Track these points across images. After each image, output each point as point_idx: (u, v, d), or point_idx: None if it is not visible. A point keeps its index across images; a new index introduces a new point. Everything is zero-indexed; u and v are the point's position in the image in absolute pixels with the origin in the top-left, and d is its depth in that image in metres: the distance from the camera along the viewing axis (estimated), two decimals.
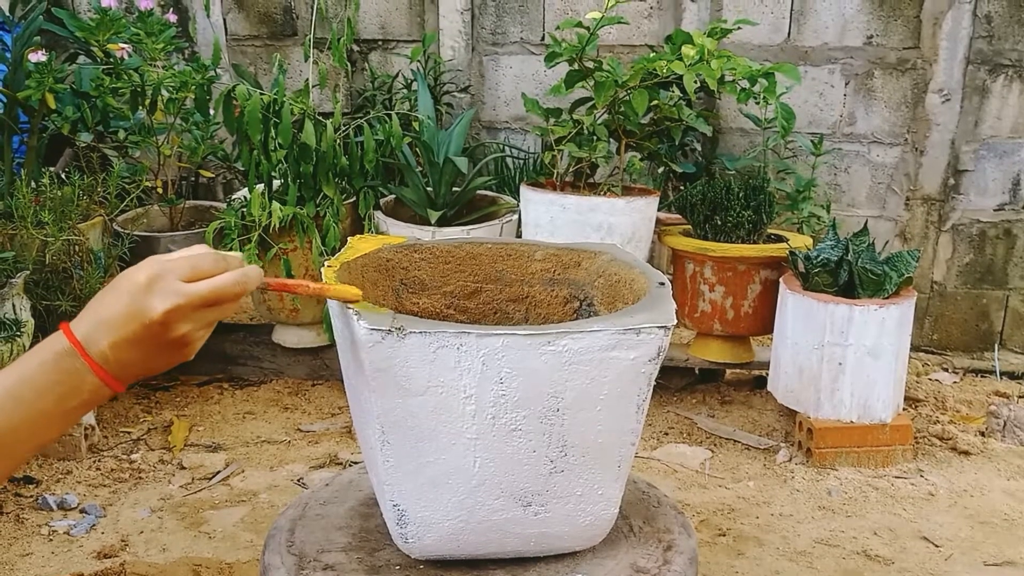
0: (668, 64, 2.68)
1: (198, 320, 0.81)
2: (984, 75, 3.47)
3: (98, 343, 0.77)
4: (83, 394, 0.78)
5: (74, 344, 0.77)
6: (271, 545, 1.19)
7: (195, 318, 0.80)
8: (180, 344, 0.81)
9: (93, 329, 0.78)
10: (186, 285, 0.79)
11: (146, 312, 0.77)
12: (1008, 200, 3.58)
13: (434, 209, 3.10)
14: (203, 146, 3.22)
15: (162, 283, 0.78)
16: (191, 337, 0.81)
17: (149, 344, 0.79)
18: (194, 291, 0.79)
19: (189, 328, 0.80)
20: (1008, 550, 2.31)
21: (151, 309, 0.77)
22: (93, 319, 0.78)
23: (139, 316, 0.77)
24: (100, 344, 0.78)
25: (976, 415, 3.11)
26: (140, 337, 0.78)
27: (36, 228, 2.60)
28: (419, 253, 1.33)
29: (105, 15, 2.97)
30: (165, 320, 0.78)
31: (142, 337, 0.78)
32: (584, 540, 1.16)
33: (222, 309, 0.83)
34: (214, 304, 0.82)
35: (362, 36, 3.99)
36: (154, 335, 0.78)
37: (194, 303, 0.79)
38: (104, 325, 0.78)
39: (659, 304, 1.10)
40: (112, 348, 0.78)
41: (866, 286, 2.65)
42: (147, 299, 0.78)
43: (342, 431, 2.89)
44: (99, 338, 0.78)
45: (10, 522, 2.32)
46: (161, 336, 0.79)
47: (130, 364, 0.79)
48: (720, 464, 2.75)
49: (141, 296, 0.78)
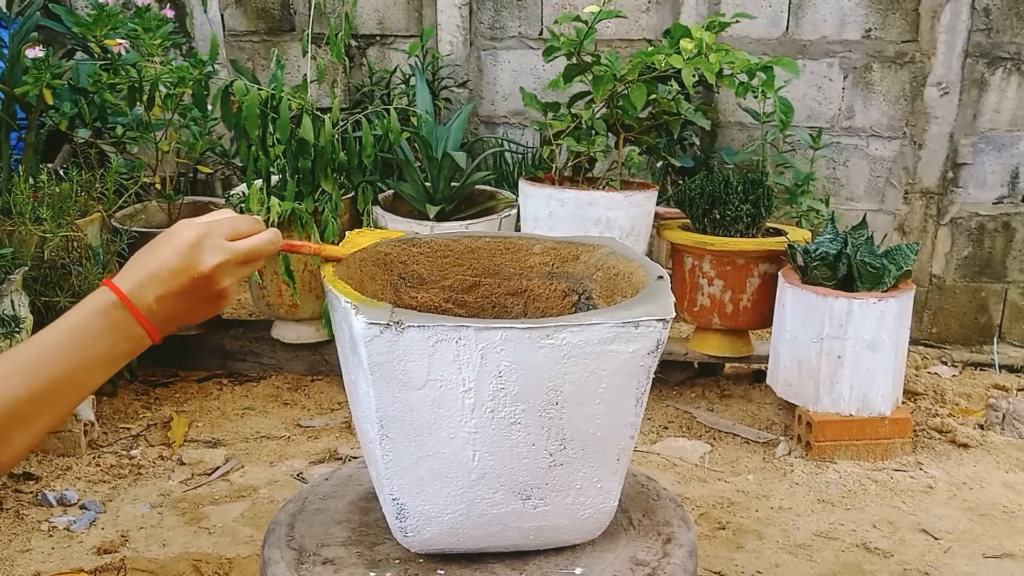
0: (666, 58, 2.68)
1: (237, 274, 0.91)
2: (983, 68, 3.47)
3: (144, 297, 0.85)
4: (129, 343, 0.85)
5: (121, 298, 0.84)
6: (271, 540, 1.19)
7: (235, 273, 0.90)
8: (219, 297, 0.90)
9: (139, 284, 0.85)
10: (230, 243, 0.90)
11: (196, 266, 0.87)
12: (1007, 193, 3.58)
13: (432, 204, 3.10)
14: (201, 142, 3.22)
15: (210, 240, 0.88)
16: (229, 291, 0.91)
17: (193, 296, 0.88)
18: (238, 248, 0.90)
19: (229, 282, 0.90)
20: (1007, 542, 2.32)
21: (201, 263, 0.87)
22: (139, 275, 0.86)
23: (189, 270, 0.86)
24: (147, 298, 0.85)
25: (975, 408, 3.12)
26: (187, 290, 0.87)
27: (34, 224, 2.59)
28: (417, 247, 1.33)
29: (102, 11, 2.96)
30: (212, 274, 0.87)
31: (189, 290, 0.87)
32: (584, 533, 1.16)
33: (255, 265, 0.93)
34: (252, 261, 0.92)
35: (360, 31, 3.98)
36: (200, 287, 0.88)
37: (238, 259, 0.90)
38: (152, 279, 0.85)
39: (658, 297, 1.10)
40: (158, 301, 0.86)
41: (865, 279, 2.65)
42: (197, 255, 0.87)
43: (341, 426, 2.90)
44: (146, 292, 0.85)
45: (10, 518, 2.32)
46: (205, 289, 0.88)
47: (172, 316, 0.88)
48: (719, 458, 2.75)
49: (191, 252, 0.87)
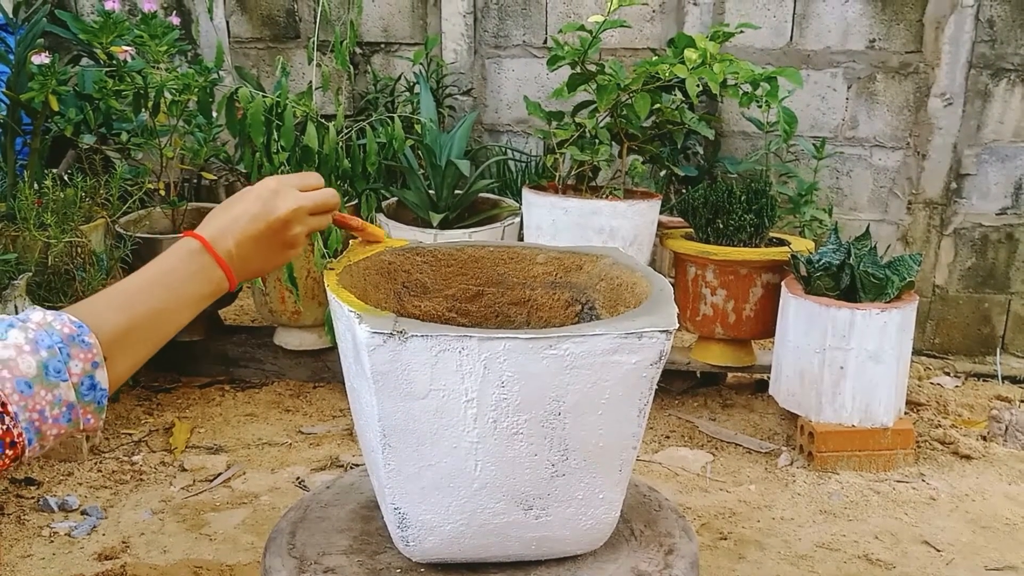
0: (670, 68, 2.69)
1: (307, 224, 1.02)
2: (986, 79, 3.47)
3: (225, 242, 0.95)
4: (211, 285, 0.94)
5: (204, 243, 0.94)
6: (272, 547, 1.19)
7: (306, 222, 1.01)
8: (290, 244, 1.01)
9: (220, 232, 0.96)
10: (303, 193, 1.01)
11: (274, 211, 0.98)
12: (1010, 204, 3.58)
13: (436, 212, 3.10)
14: (205, 148, 3.23)
15: (284, 189, 1.00)
16: (299, 239, 1.01)
17: (268, 241, 0.98)
18: (310, 196, 1.02)
19: (300, 230, 1.01)
20: (1009, 555, 2.31)
21: (278, 209, 0.98)
22: (220, 223, 0.96)
23: (267, 215, 0.97)
24: (227, 244, 0.95)
25: (978, 419, 3.11)
26: (263, 235, 0.97)
27: (39, 230, 2.60)
28: (421, 256, 1.33)
29: (108, 17, 2.97)
30: (288, 218, 0.98)
31: (265, 234, 0.98)
32: (585, 544, 1.16)
33: (321, 219, 1.04)
34: (319, 211, 1.03)
35: (365, 39, 3.99)
36: (275, 232, 0.98)
37: (308, 207, 1.01)
38: (232, 226, 0.96)
39: (661, 308, 1.10)
40: (237, 246, 0.96)
41: (868, 290, 2.65)
42: (275, 201, 0.98)
43: (343, 433, 2.89)
44: (226, 238, 0.95)
45: (11, 523, 2.32)
46: (280, 234, 0.99)
47: (249, 260, 0.97)
48: (721, 468, 2.75)
49: (269, 198, 0.98)
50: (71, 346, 0.79)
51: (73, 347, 0.79)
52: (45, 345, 0.78)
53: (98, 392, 0.81)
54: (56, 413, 0.78)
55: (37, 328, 0.79)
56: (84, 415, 0.81)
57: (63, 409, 0.79)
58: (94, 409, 0.82)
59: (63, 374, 0.78)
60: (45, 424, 0.78)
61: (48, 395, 0.77)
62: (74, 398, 0.79)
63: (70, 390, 0.79)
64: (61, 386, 0.78)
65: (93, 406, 0.81)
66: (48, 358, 0.77)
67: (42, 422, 0.77)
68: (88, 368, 0.80)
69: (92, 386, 0.81)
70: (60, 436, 0.80)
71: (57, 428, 0.79)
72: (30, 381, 0.76)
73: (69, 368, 0.79)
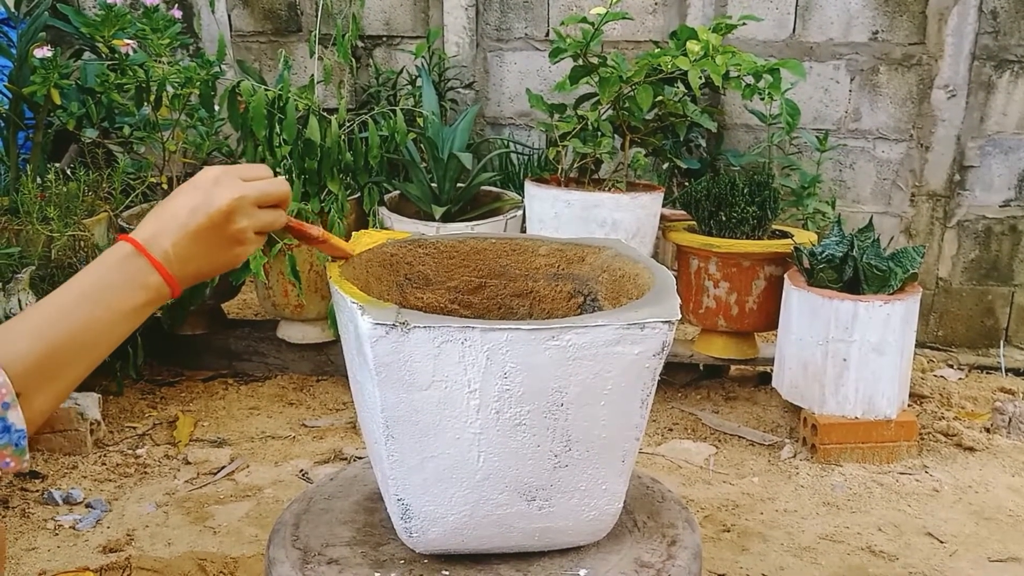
0: (673, 60, 2.68)
1: (253, 218, 0.92)
2: (990, 71, 3.46)
3: (160, 244, 0.86)
4: (148, 292, 0.85)
5: (136, 246, 0.85)
6: (276, 539, 1.19)
7: (252, 215, 0.91)
8: (236, 239, 0.91)
9: (156, 232, 0.87)
10: (246, 183, 0.91)
11: (213, 202, 0.88)
12: (1014, 196, 3.58)
13: (438, 205, 3.10)
14: (208, 142, 3.22)
15: (227, 179, 0.90)
16: (246, 235, 0.91)
17: (210, 237, 0.88)
18: (252, 186, 0.92)
19: (246, 223, 0.91)
20: (1012, 546, 2.31)
21: (219, 198, 0.88)
22: (155, 222, 0.87)
23: (206, 207, 0.88)
24: (163, 244, 0.86)
25: (981, 411, 3.11)
26: (203, 228, 0.88)
27: (41, 224, 2.60)
28: (423, 248, 1.33)
29: (110, 11, 2.97)
30: (230, 209, 0.88)
31: (205, 228, 0.88)
32: (588, 535, 1.16)
33: (272, 214, 0.94)
34: (265, 204, 0.93)
35: (367, 32, 3.99)
36: (216, 226, 0.88)
37: (252, 196, 0.91)
38: (169, 223, 0.87)
39: (663, 299, 1.09)
40: (174, 246, 0.86)
41: (871, 282, 2.65)
42: (215, 191, 0.88)
43: (346, 426, 2.90)
44: (162, 239, 0.86)
45: (16, 516, 2.33)
46: (223, 228, 0.89)
47: (190, 260, 0.88)
48: (724, 460, 2.75)
49: (210, 188, 0.89)
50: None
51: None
52: None
53: (14, 434, 0.75)
54: None
55: None
56: (1, 459, 0.75)
57: None
58: (12, 452, 0.75)
59: None
60: None
61: None
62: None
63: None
64: None
65: (11, 448, 0.75)
66: None
67: None
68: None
69: (6, 428, 0.74)
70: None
71: None
72: None
73: None
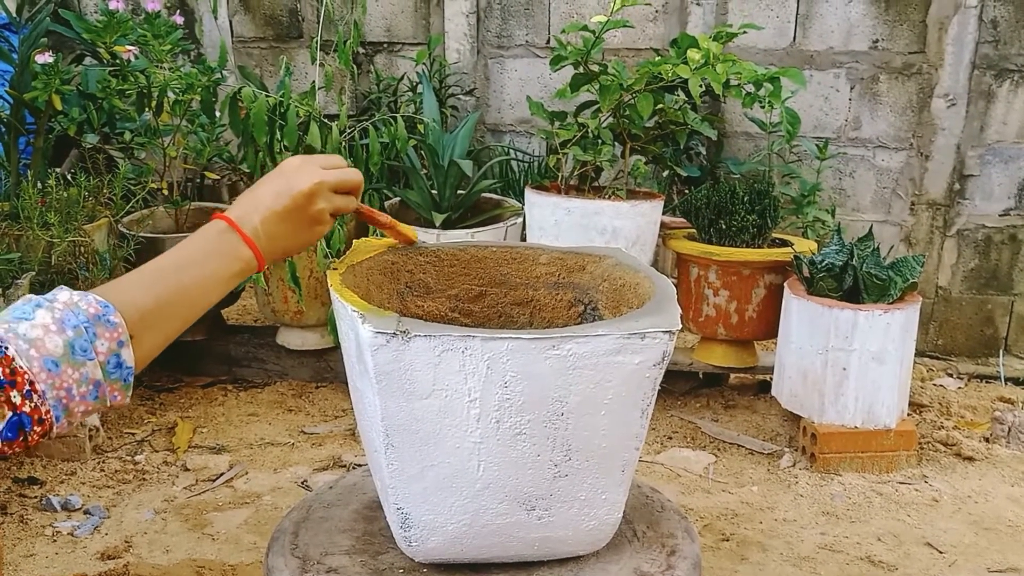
0: (673, 68, 2.68)
1: (331, 201, 1.03)
2: (990, 80, 3.47)
3: (251, 221, 0.98)
4: (239, 263, 0.97)
5: (229, 223, 0.97)
6: (275, 547, 1.19)
7: (329, 199, 1.03)
8: (315, 220, 1.02)
9: (246, 211, 0.98)
10: (324, 170, 1.03)
11: (296, 186, 1.00)
12: (1014, 205, 3.58)
13: (439, 212, 3.10)
14: (209, 148, 3.23)
15: (308, 166, 1.02)
16: (323, 216, 1.03)
17: (293, 217, 1.00)
18: (331, 173, 1.03)
19: (324, 206, 1.02)
20: (1012, 556, 2.31)
21: (301, 182, 1.00)
22: (246, 203, 0.99)
23: (290, 190, 1.00)
24: (253, 221, 0.98)
25: (981, 421, 3.10)
26: (288, 209, 1.00)
27: (42, 229, 2.60)
28: (424, 256, 1.33)
29: (112, 17, 2.98)
30: (311, 192, 1.00)
31: (290, 209, 1.00)
32: (588, 544, 1.16)
33: (346, 200, 1.06)
34: (342, 189, 1.05)
35: (368, 39, 4.00)
36: (299, 207, 1.00)
37: (330, 182, 1.03)
38: (258, 204, 0.99)
39: (664, 308, 1.09)
40: (263, 224, 0.98)
41: (871, 291, 2.65)
42: (299, 176, 1.01)
43: (346, 433, 2.90)
44: (252, 216, 0.98)
45: (14, 523, 2.32)
46: (304, 209, 1.01)
47: (276, 237, 0.99)
48: (724, 469, 2.75)
49: (294, 175, 1.01)
50: (97, 325, 0.82)
51: (99, 326, 0.82)
52: (71, 325, 0.80)
53: (124, 370, 0.84)
54: (83, 391, 0.81)
55: (64, 308, 0.81)
56: (111, 392, 0.83)
57: (90, 387, 0.81)
58: (121, 387, 0.84)
59: (89, 353, 0.80)
60: (72, 402, 0.80)
61: (75, 373, 0.80)
62: (101, 376, 0.82)
63: (96, 368, 0.81)
64: (88, 365, 0.80)
65: (120, 384, 0.84)
66: (74, 337, 0.80)
67: (69, 400, 0.80)
68: (114, 347, 0.82)
69: (118, 364, 0.83)
70: (88, 412, 0.83)
71: (84, 405, 0.81)
72: (57, 360, 0.78)
73: (95, 347, 0.81)
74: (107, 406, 0.84)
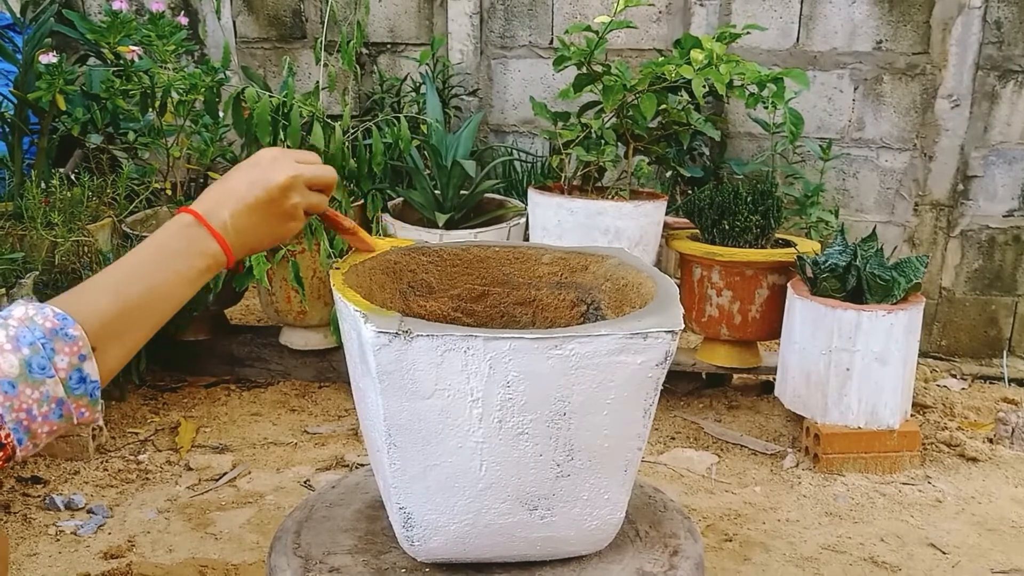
0: (677, 68, 2.68)
1: (305, 197, 1.00)
2: (994, 81, 3.46)
3: (219, 214, 0.93)
4: (207, 259, 0.92)
5: (196, 216, 0.92)
6: (277, 547, 1.19)
7: (304, 194, 0.99)
8: (288, 216, 0.99)
9: (215, 204, 0.93)
10: (300, 164, 1.00)
11: (271, 178, 0.96)
12: (1017, 206, 3.57)
13: (442, 212, 3.11)
14: (212, 148, 3.23)
15: (284, 159, 0.99)
16: (297, 212, 0.99)
17: (265, 210, 0.96)
18: (306, 168, 1.00)
19: (298, 200, 0.99)
20: (1016, 558, 2.30)
21: (276, 175, 0.96)
22: (215, 196, 0.94)
23: (264, 182, 0.96)
24: (221, 215, 0.93)
25: (984, 422, 3.10)
26: (261, 201, 0.95)
27: (45, 229, 2.61)
28: (426, 256, 1.33)
29: (116, 17, 2.98)
30: (285, 186, 0.96)
31: (262, 202, 0.95)
32: (590, 544, 1.16)
33: (320, 197, 1.02)
34: (316, 186, 1.01)
35: (371, 39, 4.00)
36: (273, 200, 0.96)
37: (306, 177, 0.99)
38: (228, 196, 0.94)
39: (667, 308, 1.09)
40: (232, 216, 0.93)
41: (874, 292, 2.64)
42: (273, 168, 0.97)
43: (348, 433, 2.90)
44: (220, 210, 0.93)
45: (17, 522, 2.33)
46: (278, 203, 0.97)
47: (245, 231, 0.95)
48: (727, 469, 2.74)
49: (268, 167, 0.97)
50: (55, 340, 0.77)
51: (57, 341, 0.77)
52: (27, 342, 0.76)
53: (89, 385, 0.79)
54: (45, 410, 0.77)
55: (18, 324, 0.77)
56: (77, 409, 0.79)
57: (52, 406, 0.77)
58: (88, 402, 0.80)
59: (48, 370, 0.76)
60: (35, 423, 0.76)
61: (34, 393, 0.76)
62: (63, 393, 0.77)
63: (57, 385, 0.77)
64: (47, 383, 0.76)
65: (86, 399, 0.79)
66: (31, 355, 0.76)
67: (31, 421, 0.76)
68: (75, 361, 0.78)
69: (82, 379, 0.79)
70: (54, 432, 0.79)
71: (48, 425, 0.78)
72: (13, 381, 0.75)
73: (54, 363, 0.77)
74: (74, 424, 0.80)
